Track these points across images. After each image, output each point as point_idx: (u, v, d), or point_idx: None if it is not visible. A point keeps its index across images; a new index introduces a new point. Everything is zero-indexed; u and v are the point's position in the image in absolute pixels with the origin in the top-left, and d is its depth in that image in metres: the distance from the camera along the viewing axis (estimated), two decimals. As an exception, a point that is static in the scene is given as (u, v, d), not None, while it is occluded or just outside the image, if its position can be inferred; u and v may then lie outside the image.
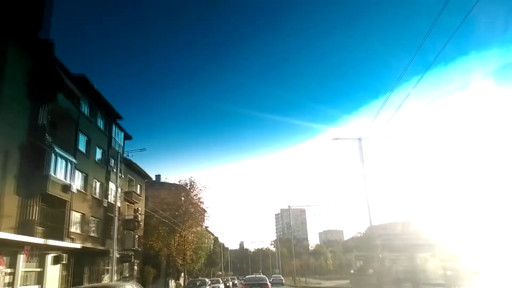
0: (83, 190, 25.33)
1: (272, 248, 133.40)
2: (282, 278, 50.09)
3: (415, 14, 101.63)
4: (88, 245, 25.03)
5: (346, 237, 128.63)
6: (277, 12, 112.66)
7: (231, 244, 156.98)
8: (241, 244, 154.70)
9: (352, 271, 40.32)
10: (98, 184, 27.98)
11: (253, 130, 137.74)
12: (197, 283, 24.95)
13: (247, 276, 34.01)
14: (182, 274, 43.32)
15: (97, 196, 27.51)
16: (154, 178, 49.98)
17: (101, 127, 29.25)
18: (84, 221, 25.18)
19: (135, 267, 36.03)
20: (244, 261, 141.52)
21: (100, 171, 28.25)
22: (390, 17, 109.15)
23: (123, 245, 33.43)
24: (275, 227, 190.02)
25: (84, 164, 25.38)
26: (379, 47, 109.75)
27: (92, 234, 26.53)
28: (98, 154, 28.41)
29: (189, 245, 38.38)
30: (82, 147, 25.57)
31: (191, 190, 36.89)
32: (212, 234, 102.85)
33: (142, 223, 37.82)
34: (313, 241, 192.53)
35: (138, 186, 39.52)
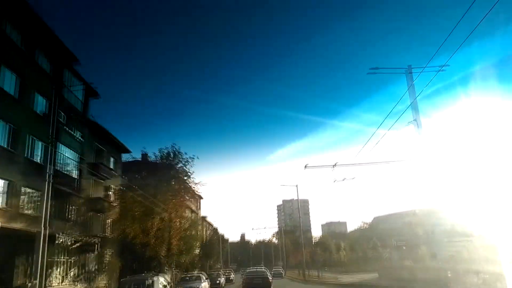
0: (9, 148, 17.78)
1: (275, 240, 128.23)
2: (282, 271, 54.25)
3: (416, 10, 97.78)
4: (16, 225, 17.52)
5: (350, 229, 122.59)
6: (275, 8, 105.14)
7: (233, 237, 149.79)
8: (242, 236, 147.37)
9: (376, 263, 33.20)
10: (39, 144, 20.37)
11: (250, 125, 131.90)
12: (145, 283, 16.11)
13: (248, 269, 32.68)
14: (171, 268, 35.99)
15: (37, 160, 19.94)
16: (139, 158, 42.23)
17: (46, 69, 21.57)
18: (11, 192, 17.64)
19: (106, 259, 28.61)
20: (245, 253, 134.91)
21: (41, 127, 20.59)
22: (390, 12, 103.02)
23: (88, 231, 26.04)
24: (277, 219, 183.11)
25: (10, 112, 17.80)
26: (380, 41, 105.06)
27: (27, 212, 19.02)
28: (40, 105, 20.74)
29: (176, 232, 30.98)
30: (7, 87, 17.92)
31: (175, 162, 29.22)
32: (211, 225, 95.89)
33: (116, 205, 30.31)
34: (315, 233, 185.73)
35: (112, 159, 32.01)
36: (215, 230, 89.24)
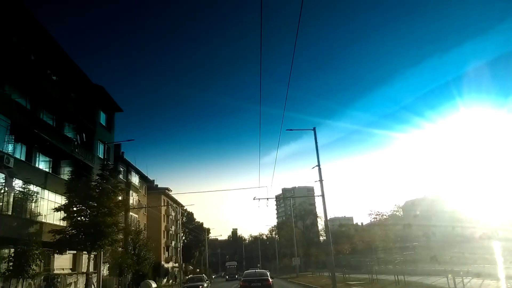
0: None
1: (275, 235, 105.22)
2: (268, 272, 52.44)
3: (412, 11, 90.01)
4: None
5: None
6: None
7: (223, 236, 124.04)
8: (234, 232, 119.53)
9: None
10: None
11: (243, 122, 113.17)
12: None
13: (245, 272, 29.53)
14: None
15: None
16: None
17: None
18: None
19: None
20: (237, 253, 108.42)
21: None
22: (386, 13, 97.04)
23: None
24: (276, 211, 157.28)
25: None
26: (376, 41, 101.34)
27: None
28: None
29: None
30: None
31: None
32: (179, 205, 67.94)
33: None
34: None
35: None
36: (188, 215, 63.17)
